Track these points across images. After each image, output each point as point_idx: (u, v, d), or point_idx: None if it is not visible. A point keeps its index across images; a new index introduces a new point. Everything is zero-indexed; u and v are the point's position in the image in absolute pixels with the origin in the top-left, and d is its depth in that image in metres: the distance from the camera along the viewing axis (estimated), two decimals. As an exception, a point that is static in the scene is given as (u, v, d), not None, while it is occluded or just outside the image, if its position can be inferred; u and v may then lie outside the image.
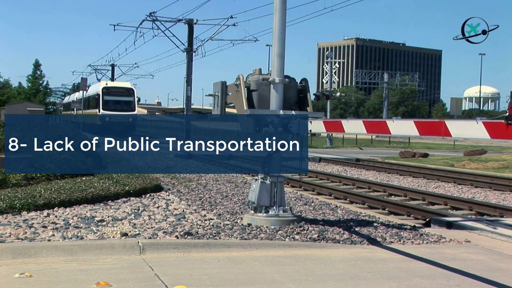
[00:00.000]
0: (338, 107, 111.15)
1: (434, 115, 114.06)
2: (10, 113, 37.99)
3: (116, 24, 38.40)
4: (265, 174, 8.49)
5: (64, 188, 10.11)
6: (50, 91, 77.95)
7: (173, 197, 11.12)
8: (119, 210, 9.36)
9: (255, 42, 54.36)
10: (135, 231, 7.64)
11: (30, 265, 6.05)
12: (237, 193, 12.25)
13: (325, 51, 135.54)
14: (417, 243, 7.92)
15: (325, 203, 11.58)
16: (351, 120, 10.41)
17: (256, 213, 8.49)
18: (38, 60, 71.67)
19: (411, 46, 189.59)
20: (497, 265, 6.83)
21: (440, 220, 10.06)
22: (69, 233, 7.43)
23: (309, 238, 7.70)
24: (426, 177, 19.98)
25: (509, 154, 31.45)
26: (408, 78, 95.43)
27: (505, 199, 15.04)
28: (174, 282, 5.59)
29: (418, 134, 8.81)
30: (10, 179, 10.95)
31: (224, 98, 9.07)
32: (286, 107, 8.52)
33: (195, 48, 32.47)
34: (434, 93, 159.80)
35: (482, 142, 41.41)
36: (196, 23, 32.28)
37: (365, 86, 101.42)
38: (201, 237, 7.43)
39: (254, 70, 8.91)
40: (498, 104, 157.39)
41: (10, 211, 8.69)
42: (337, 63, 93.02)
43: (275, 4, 8.50)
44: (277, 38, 8.47)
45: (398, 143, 49.54)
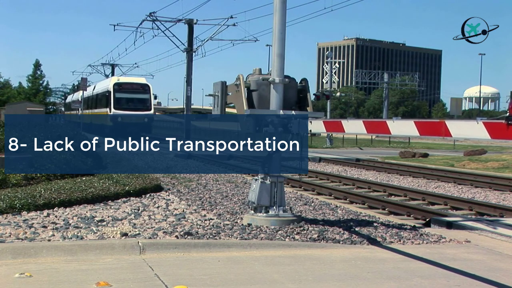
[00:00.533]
0: (338, 107, 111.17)
1: (434, 115, 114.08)
2: (10, 113, 38.02)
3: (116, 24, 38.32)
4: (265, 174, 8.49)
5: (64, 188, 10.11)
6: (50, 91, 78.03)
7: (173, 197, 11.12)
8: (119, 210, 9.36)
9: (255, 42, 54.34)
10: (135, 231, 7.64)
11: (30, 265, 6.05)
12: (237, 193, 12.25)
13: (325, 51, 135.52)
14: (417, 243, 7.92)
15: (325, 203, 11.58)
16: (351, 120, 10.41)
17: (256, 213, 8.49)
18: (38, 60, 71.77)
19: (411, 46, 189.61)
20: (497, 265, 6.83)
21: (440, 220, 10.06)
22: (69, 233, 7.43)
23: (309, 238, 7.70)
24: (426, 177, 19.97)
25: (509, 154, 31.45)
26: (408, 78, 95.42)
27: (505, 199, 15.04)
28: (174, 282, 5.59)
29: (418, 134, 8.82)
30: (10, 179, 10.95)
31: (224, 98, 9.07)
32: (286, 107, 8.52)
33: (195, 48, 32.47)
34: (434, 93, 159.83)
35: (482, 142, 41.41)
36: (196, 23, 32.28)
37: (365, 86, 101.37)
38: (201, 237, 7.43)
39: (254, 70, 8.91)
40: (498, 104, 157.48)
41: (10, 211, 8.70)
42: (337, 63, 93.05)
43: (275, 4, 8.50)
44: (277, 38, 8.46)
45: (398, 143, 49.54)
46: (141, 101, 38.87)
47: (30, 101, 56.07)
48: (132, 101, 38.63)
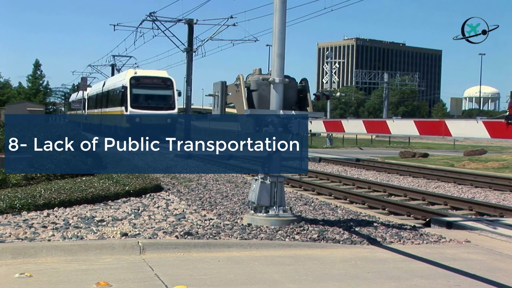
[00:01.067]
0: (338, 107, 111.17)
1: (434, 115, 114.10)
2: (10, 113, 38.05)
3: (116, 24, 38.25)
4: (265, 174, 8.48)
5: (64, 188, 10.11)
6: (50, 91, 78.13)
7: (173, 197, 11.12)
8: (119, 210, 9.36)
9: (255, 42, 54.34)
10: (135, 231, 7.64)
11: (30, 265, 6.05)
12: (237, 193, 12.25)
13: (325, 51, 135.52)
14: (417, 243, 7.92)
15: (325, 203, 11.58)
16: (351, 120, 10.39)
17: (256, 213, 8.49)
18: (38, 60, 71.89)
19: (411, 46, 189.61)
20: (497, 265, 6.82)
21: (440, 220, 10.06)
22: (69, 233, 7.43)
23: (309, 238, 7.70)
24: (426, 177, 19.97)
25: (509, 154, 31.44)
26: (408, 78, 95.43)
27: (505, 199, 15.04)
28: (174, 282, 5.59)
29: (418, 134, 8.80)
30: (10, 179, 10.95)
31: (224, 98, 9.07)
32: (286, 107, 8.52)
33: (195, 48, 32.46)
34: (434, 93, 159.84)
35: (482, 141, 41.42)
36: (196, 23, 32.30)
37: (365, 86, 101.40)
38: (201, 237, 7.43)
39: (254, 70, 8.91)
40: (498, 104, 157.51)
41: (10, 211, 8.69)
42: (337, 63, 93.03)
43: (275, 4, 8.50)
44: (277, 38, 8.46)
45: (398, 143, 49.53)
46: (163, 98, 33.21)
47: (30, 101, 56.15)
48: (153, 98, 32.95)
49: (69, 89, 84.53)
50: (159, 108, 32.58)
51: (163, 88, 33.23)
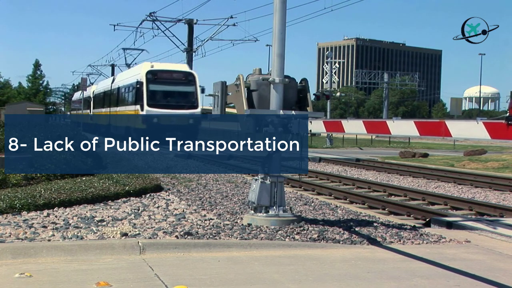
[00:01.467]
0: (338, 107, 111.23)
1: (434, 115, 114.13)
2: (10, 113, 38.09)
3: (116, 24, 38.26)
4: (265, 174, 8.48)
5: (64, 188, 10.11)
6: (50, 91, 78.20)
7: (173, 197, 11.12)
8: (119, 210, 9.36)
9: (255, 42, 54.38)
10: (135, 231, 7.64)
11: (30, 265, 6.05)
12: (237, 193, 12.25)
13: (325, 51, 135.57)
14: (417, 243, 7.92)
15: (325, 203, 11.58)
16: (351, 120, 10.40)
17: (256, 213, 8.49)
18: (38, 60, 71.95)
19: (411, 46, 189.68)
20: (497, 265, 6.82)
21: (440, 220, 10.06)
22: (69, 233, 7.43)
23: (309, 238, 7.70)
24: (426, 177, 19.97)
25: (509, 154, 31.45)
26: (408, 78, 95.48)
27: (505, 199, 15.04)
28: (174, 282, 5.59)
29: (418, 134, 8.80)
30: (10, 179, 10.95)
31: (224, 98, 9.07)
32: (286, 107, 8.52)
33: (195, 48, 32.48)
34: (434, 93, 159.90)
35: (482, 142, 41.39)
36: (196, 23, 32.31)
37: (365, 86, 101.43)
38: (201, 237, 7.43)
39: (254, 70, 8.91)
40: (498, 104, 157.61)
41: (10, 211, 8.69)
42: (337, 63, 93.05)
43: (275, 4, 8.50)
44: (277, 38, 8.46)
45: (398, 143, 49.53)
46: (185, 95, 28.94)
47: (30, 101, 56.21)
48: (173, 96, 28.85)
49: (69, 89, 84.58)
50: (180, 107, 28.67)
51: (185, 83, 29.15)
